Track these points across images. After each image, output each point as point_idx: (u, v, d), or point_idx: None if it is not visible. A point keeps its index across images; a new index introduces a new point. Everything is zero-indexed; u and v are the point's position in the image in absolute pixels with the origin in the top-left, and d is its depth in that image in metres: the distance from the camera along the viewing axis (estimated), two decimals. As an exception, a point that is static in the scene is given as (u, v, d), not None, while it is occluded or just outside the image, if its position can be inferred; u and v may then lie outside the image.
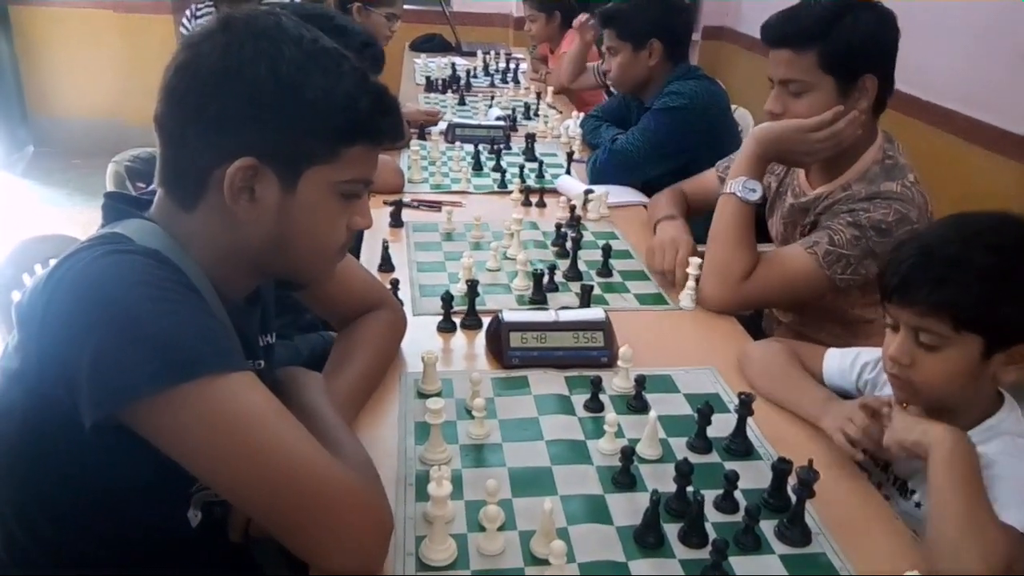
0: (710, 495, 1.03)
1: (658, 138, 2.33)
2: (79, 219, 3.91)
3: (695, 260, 1.61)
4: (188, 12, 2.78)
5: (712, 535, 0.98)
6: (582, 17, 3.40)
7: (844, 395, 1.30)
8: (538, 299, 1.60)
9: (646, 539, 0.98)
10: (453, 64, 3.79)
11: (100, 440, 0.82)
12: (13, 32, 4.99)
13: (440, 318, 1.49)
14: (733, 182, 1.60)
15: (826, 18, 1.51)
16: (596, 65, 3.40)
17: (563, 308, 1.50)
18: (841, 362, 1.33)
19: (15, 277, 1.49)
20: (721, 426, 1.18)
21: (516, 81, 3.72)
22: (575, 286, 1.65)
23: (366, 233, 1.54)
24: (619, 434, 1.16)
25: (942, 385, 1.09)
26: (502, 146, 2.55)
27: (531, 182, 2.28)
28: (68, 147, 5.02)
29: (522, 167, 2.34)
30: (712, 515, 1.03)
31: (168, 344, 0.81)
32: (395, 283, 1.53)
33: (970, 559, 0.92)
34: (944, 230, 1.14)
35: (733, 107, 2.68)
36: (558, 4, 3.86)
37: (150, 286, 0.83)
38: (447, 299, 1.47)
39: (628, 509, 1.03)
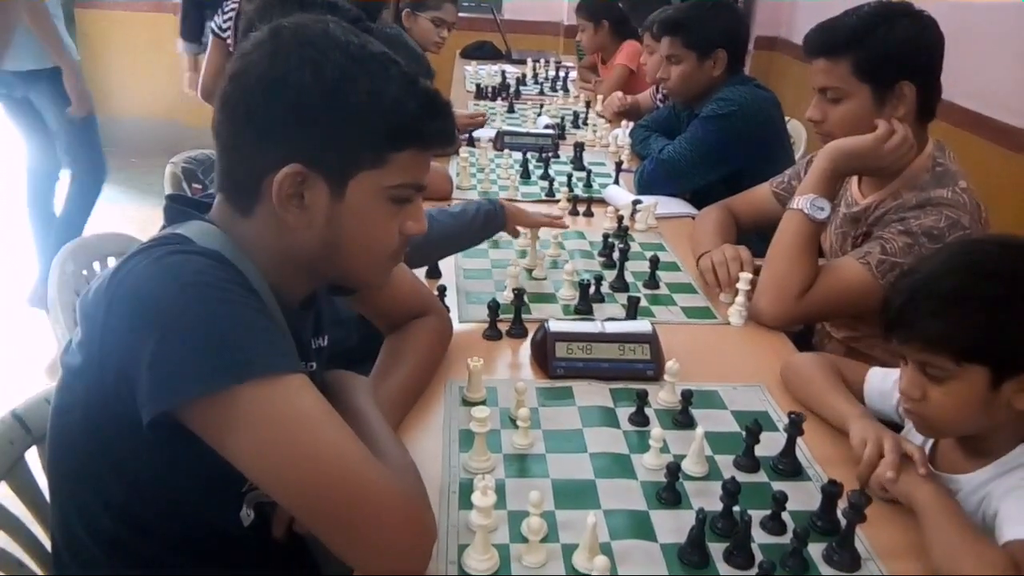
0: (757, 515, 1.02)
1: (706, 146, 2.29)
2: (136, 217, 4.01)
3: (746, 275, 1.59)
4: (220, 9, 2.75)
5: (759, 556, 0.96)
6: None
7: (882, 418, 1.26)
8: (584, 309, 1.59)
9: (691, 558, 0.96)
10: (503, 71, 3.81)
11: (157, 437, 0.84)
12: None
13: (486, 326, 1.49)
14: (802, 198, 1.57)
15: (860, 28, 1.53)
16: (652, 90, 3.27)
17: (609, 319, 1.50)
18: (883, 383, 1.28)
19: (75, 274, 1.53)
20: (769, 445, 1.16)
21: (565, 89, 3.72)
22: (621, 297, 1.64)
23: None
24: (664, 449, 1.15)
25: (953, 418, 1.07)
26: (550, 154, 2.54)
27: (579, 191, 2.28)
28: (126, 147, 5.14)
29: (570, 176, 2.33)
30: (759, 536, 1.01)
31: (225, 345, 0.83)
32: (442, 289, 1.54)
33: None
34: (940, 262, 1.10)
35: (786, 119, 2.63)
36: (606, 13, 3.81)
37: (210, 287, 0.85)
38: (493, 307, 1.47)
39: (673, 526, 1.02)
